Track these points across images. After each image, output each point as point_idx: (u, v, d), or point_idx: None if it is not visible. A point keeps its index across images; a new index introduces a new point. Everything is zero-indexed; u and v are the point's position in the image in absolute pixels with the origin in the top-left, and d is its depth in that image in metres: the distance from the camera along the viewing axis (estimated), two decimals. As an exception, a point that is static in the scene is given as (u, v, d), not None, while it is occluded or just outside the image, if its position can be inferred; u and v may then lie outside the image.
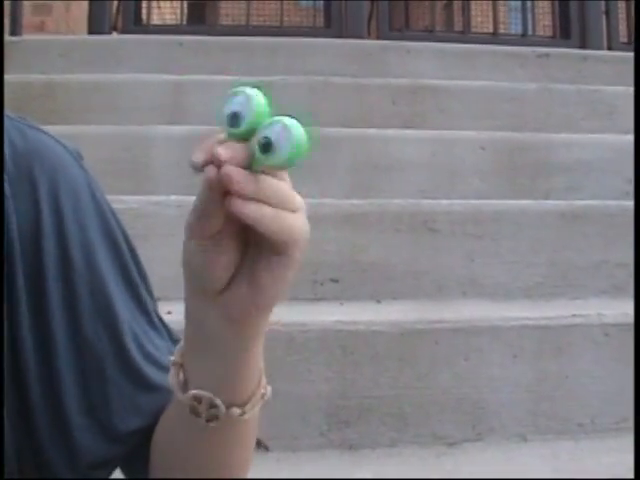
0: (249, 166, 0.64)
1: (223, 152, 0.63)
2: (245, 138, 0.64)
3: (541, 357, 1.82)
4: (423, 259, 2.14)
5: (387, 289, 2.11)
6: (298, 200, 0.68)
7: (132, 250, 0.89)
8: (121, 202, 2.05)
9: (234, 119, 0.64)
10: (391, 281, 2.12)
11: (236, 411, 0.75)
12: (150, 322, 0.89)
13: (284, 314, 1.76)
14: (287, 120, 0.64)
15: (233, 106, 0.65)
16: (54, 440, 0.81)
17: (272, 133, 0.63)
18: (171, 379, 0.76)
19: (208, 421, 0.75)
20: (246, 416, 0.76)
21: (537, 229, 2.20)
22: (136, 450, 0.84)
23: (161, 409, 0.83)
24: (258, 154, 0.63)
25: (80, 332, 0.82)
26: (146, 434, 0.84)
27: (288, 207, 0.67)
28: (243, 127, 0.64)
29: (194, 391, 0.75)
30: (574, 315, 1.87)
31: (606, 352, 1.84)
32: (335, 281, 2.09)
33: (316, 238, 2.35)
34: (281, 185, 0.66)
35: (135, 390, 0.84)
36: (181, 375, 0.76)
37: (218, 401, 0.74)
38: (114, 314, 0.83)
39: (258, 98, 0.65)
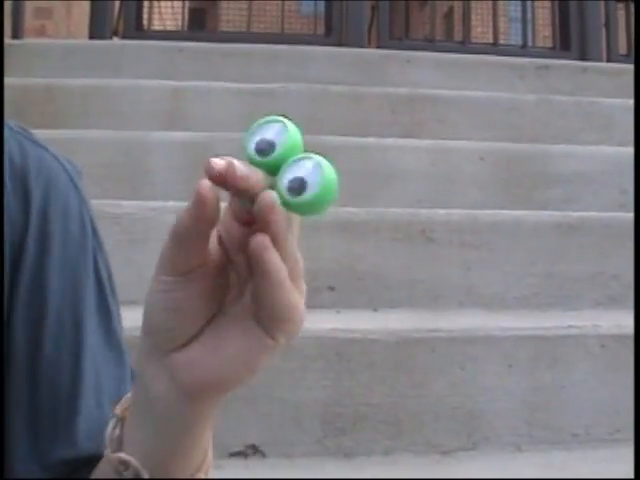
0: None
1: (248, 171, 0.55)
2: (269, 172, 0.56)
3: (536, 367, 1.83)
4: (420, 268, 2.15)
5: (384, 297, 2.11)
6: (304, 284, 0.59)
7: (111, 278, 0.86)
8: (119, 207, 2.06)
9: (264, 147, 0.56)
10: (388, 290, 2.12)
11: None
12: (117, 353, 0.84)
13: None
14: (318, 157, 0.56)
15: (266, 134, 0.57)
16: None
17: (304, 171, 0.56)
18: (107, 431, 0.68)
19: None
20: None
21: (534, 240, 2.20)
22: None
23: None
24: (285, 196, 0.55)
25: (40, 357, 0.79)
26: (81, 467, 0.78)
27: (300, 284, 0.59)
28: (274, 157, 0.56)
29: (122, 455, 0.66)
30: (570, 326, 1.87)
31: (601, 363, 1.85)
32: (332, 289, 2.10)
33: (313, 246, 2.37)
34: (300, 257, 0.59)
35: (76, 422, 0.79)
36: (117, 430, 0.68)
37: (145, 475, 0.65)
38: (80, 342, 0.80)
39: (294, 129, 0.57)
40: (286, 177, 0.55)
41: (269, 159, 0.56)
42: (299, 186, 0.55)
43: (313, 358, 1.75)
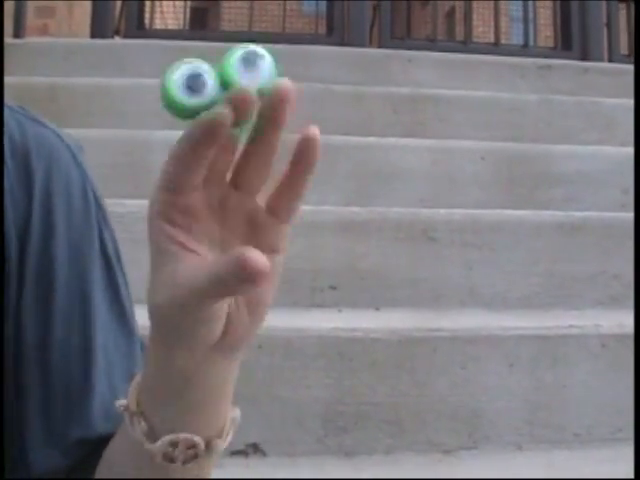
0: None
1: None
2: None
3: (538, 367, 1.83)
4: (422, 267, 2.15)
5: (386, 297, 2.12)
6: None
7: (118, 252, 0.86)
8: (121, 206, 2.07)
9: (194, 84, 0.57)
10: (390, 289, 2.13)
11: (218, 443, 0.68)
12: (127, 329, 0.84)
13: (283, 320, 1.77)
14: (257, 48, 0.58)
15: (187, 70, 0.58)
16: (9, 449, 0.79)
17: (251, 55, 0.58)
18: (134, 433, 0.68)
19: (185, 463, 0.67)
20: (226, 444, 0.69)
21: (535, 239, 2.21)
22: (81, 464, 0.79)
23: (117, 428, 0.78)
24: (237, 74, 0.57)
25: (51, 338, 0.79)
26: (95, 449, 0.78)
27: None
28: (208, 95, 0.57)
29: (169, 436, 0.66)
30: (571, 325, 1.88)
31: (602, 363, 1.85)
32: (334, 288, 2.10)
33: (315, 245, 2.37)
34: None
35: (91, 404, 0.79)
36: (143, 424, 0.67)
37: (197, 439, 0.67)
38: (90, 321, 0.81)
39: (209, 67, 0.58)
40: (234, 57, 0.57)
41: (203, 100, 0.57)
42: (251, 54, 0.57)
43: (315, 357, 1.75)
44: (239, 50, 0.58)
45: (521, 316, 2.04)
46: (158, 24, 5.32)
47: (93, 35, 4.11)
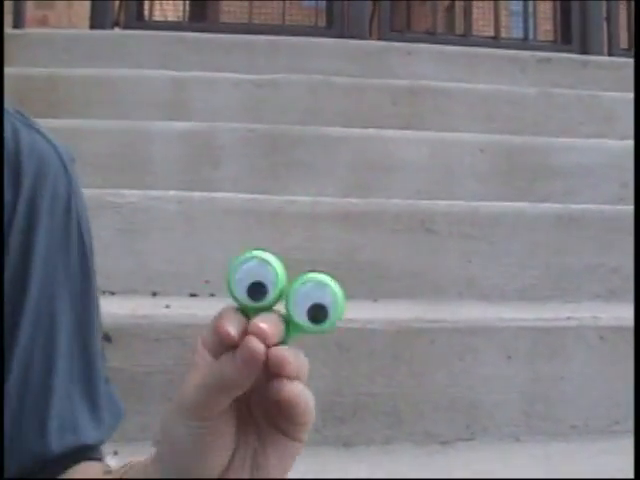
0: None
1: (267, 327, 0.57)
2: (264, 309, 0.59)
3: (535, 359, 1.83)
4: (420, 259, 2.15)
5: (384, 288, 2.12)
6: None
7: (92, 266, 0.85)
8: (120, 196, 2.07)
9: (257, 291, 0.58)
10: (388, 280, 2.13)
11: None
12: (91, 352, 0.84)
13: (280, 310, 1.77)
14: (328, 280, 0.59)
15: (250, 275, 0.58)
16: None
17: (324, 299, 0.58)
18: None
19: None
20: None
21: (533, 232, 2.21)
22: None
23: (70, 446, 0.78)
24: (305, 321, 0.58)
25: (15, 343, 0.78)
26: (48, 465, 0.78)
27: (306, 375, 0.62)
28: (269, 300, 0.58)
29: None
30: (569, 317, 1.88)
31: (600, 355, 1.85)
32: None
33: (314, 236, 2.37)
34: (300, 352, 0.61)
35: (49, 419, 0.79)
36: None
37: None
38: (55, 335, 0.80)
39: (278, 264, 0.59)
40: (302, 304, 0.58)
41: (265, 303, 0.58)
42: (323, 312, 0.58)
43: (312, 348, 1.75)
44: (308, 300, 0.58)
45: (519, 308, 2.04)
46: (157, 15, 5.31)
47: (92, 26, 4.10)
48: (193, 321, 1.68)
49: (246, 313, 0.59)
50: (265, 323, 0.57)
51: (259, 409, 0.62)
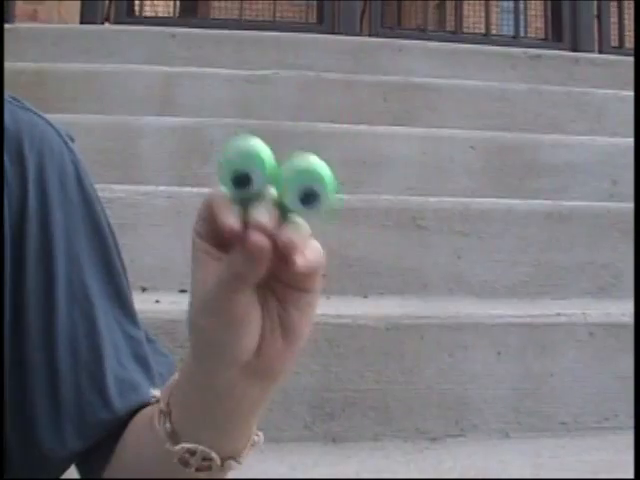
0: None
1: (267, 219, 0.58)
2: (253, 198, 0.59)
3: (525, 355, 1.83)
4: (410, 255, 2.15)
5: (374, 284, 2.11)
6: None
7: (115, 240, 0.87)
8: (110, 191, 2.06)
9: (242, 180, 0.58)
10: (378, 276, 2.13)
11: (232, 464, 0.71)
12: (127, 314, 0.86)
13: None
14: (317, 162, 0.59)
15: (238, 164, 0.58)
16: (16, 432, 0.79)
17: (313, 182, 0.58)
18: (158, 429, 0.71)
19: (198, 471, 0.70)
20: (240, 466, 0.72)
21: (524, 228, 2.21)
22: (99, 446, 0.81)
23: (134, 406, 0.80)
24: (298, 206, 0.58)
25: (55, 322, 0.79)
26: (113, 429, 0.80)
27: (309, 235, 0.62)
28: (257, 189, 0.59)
29: (188, 445, 0.69)
30: (559, 314, 1.88)
31: (590, 351, 1.85)
32: (322, 275, 2.09)
33: (304, 232, 2.32)
34: (304, 225, 0.62)
35: (106, 386, 0.81)
36: (168, 425, 0.70)
37: (214, 454, 0.69)
38: (91, 303, 0.82)
39: (266, 152, 0.59)
40: (295, 189, 0.58)
41: (252, 192, 0.58)
42: (313, 196, 0.58)
43: (302, 343, 1.75)
44: (299, 176, 0.58)
45: (509, 304, 2.04)
46: (148, 11, 5.30)
47: (83, 21, 4.09)
48: (183, 317, 1.67)
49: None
50: (262, 214, 0.58)
51: (275, 277, 0.62)
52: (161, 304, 1.79)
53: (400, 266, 2.14)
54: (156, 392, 0.74)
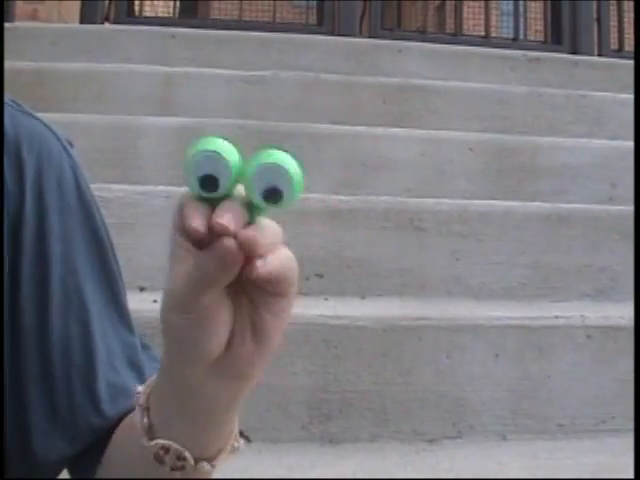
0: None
1: (230, 220, 0.58)
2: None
3: (523, 357, 1.83)
4: (409, 257, 2.15)
5: (372, 285, 2.12)
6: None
7: (111, 245, 0.87)
8: (108, 191, 2.06)
9: (208, 183, 0.58)
10: (376, 278, 2.13)
11: (205, 466, 0.70)
12: (123, 320, 0.86)
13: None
14: (281, 157, 0.59)
15: (203, 168, 0.58)
16: (12, 438, 0.79)
17: (277, 179, 0.58)
18: (137, 424, 0.71)
19: (173, 470, 0.70)
20: (214, 470, 0.71)
21: (522, 230, 2.21)
22: (89, 449, 0.81)
23: (124, 410, 0.80)
24: (262, 204, 0.58)
25: (49, 326, 0.79)
26: (103, 434, 0.80)
27: (280, 240, 0.62)
28: (224, 190, 0.59)
29: (162, 441, 0.69)
30: (556, 316, 1.88)
31: (587, 354, 1.85)
32: (320, 276, 2.10)
33: (302, 233, 2.36)
34: (270, 221, 0.61)
35: (97, 389, 0.81)
36: (146, 420, 0.70)
37: (187, 454, 0.69)
38: (86, 309, 0.81)
39: (232, 153, 0.59)
40: (259, 186, 0.58)
41: (218, 194, 0.59)
42: (275, 193, 0.58)
43: (300, 344, 1.75)
44: (263, 174, 0.58)
45: (507, 306, 2.04)
46: (148, 11, 5.30)
47: (83, 21, 4.09)
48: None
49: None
50: (225, 216, 0.57)
51: (248, 279, 0.61)
52: (159, 304, 1.79)
53: (398, 267, 2.14)
54: (140, 388, 0.73)
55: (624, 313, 1.90)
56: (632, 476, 1.43)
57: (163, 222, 2.08)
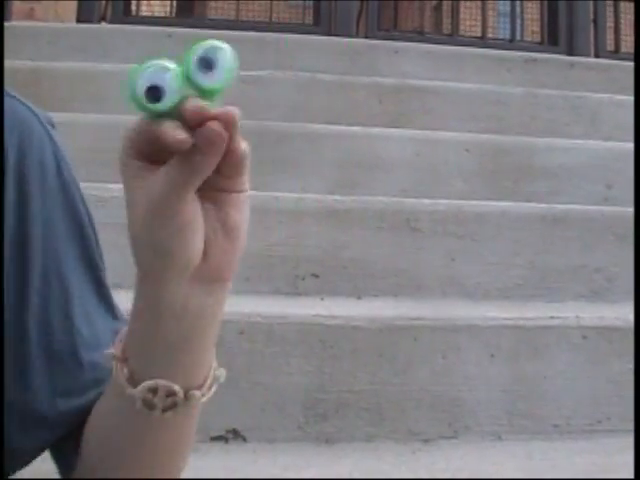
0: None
1: (208, 109, 0.61)
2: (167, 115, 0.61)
3: (518, 357, 1.83)
4: (404, 257, 2.15)
5: (368, 285, 2.12)
6: None
7: (94, 230, 0.87)
8: (105, 190, 2.06)
9: (154, 94, 0.61)
10: (372, 278, 2.13)
11: (196, 394, 0.71)
12: (107, 306, 0.86)
13: (264, 307, 1.77)
14: (217, 42, 0.62)
15: (149, 80, 0.62)
16: None
17: (210, 52, 0.62)
18: (116, 377, 0.71)
19: (164, 411, 0.70)
20: (204, 398, 0.72)
21: (518, 231, 2.21)
22: (69, 432, 0.81)
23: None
24: (197, 75, 0.61)
25: (27, 312, 0.79)
26: (83, 415, 0.80)
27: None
28: (168, 101, 0.61)
29: (149, 382, 0.69)
30: (552, 317, 1.88)
31: (583, 354, 1.85)
32: (316, 276, 2.10)
33: (298, 233, 2.37)
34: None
35: (81, 372, 0.80)
36: (126, 370, 0.70)
37: (176, 387, 0.69)
38: (67, 294, 0.81)
39: (173, 66, 0.62)
40: (192, 60, 0.61)
41: (164, 106, 0.61)
42: (208, 61, 0.62)
43: (296, 344, 1.75)
44: (198, 50, 0.62)
45: (503, 307, 2.04)
46: (145, 11, 5.29)
47: (79, 20, 4.09)
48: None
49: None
50: (203, 108, 0.61)
51: (209, 184, 0.65)
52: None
53: (394, 268, 2.14)
54: (109, 350, 0.73)
55: (620, 314, 1.91)
56: (627, 476, 1.43)
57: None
